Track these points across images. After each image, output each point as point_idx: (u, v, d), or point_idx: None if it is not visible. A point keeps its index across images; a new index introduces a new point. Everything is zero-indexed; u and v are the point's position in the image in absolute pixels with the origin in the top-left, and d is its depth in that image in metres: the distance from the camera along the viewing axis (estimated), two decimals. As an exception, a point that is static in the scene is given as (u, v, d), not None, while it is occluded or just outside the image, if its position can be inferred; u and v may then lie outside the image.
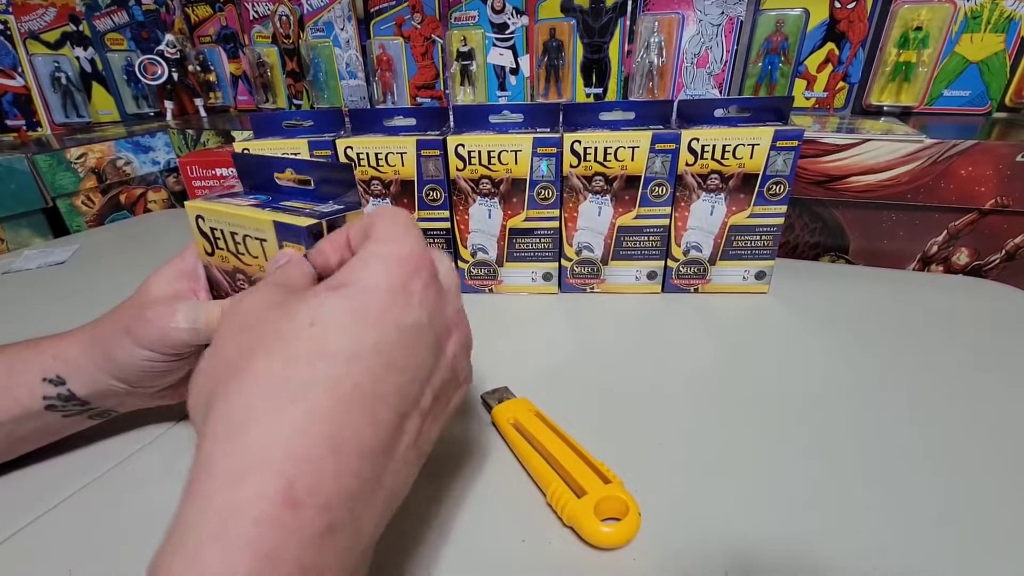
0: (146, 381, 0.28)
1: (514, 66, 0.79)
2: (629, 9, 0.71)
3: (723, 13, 0.68)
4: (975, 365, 0.37)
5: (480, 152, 0.44)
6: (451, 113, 0.47)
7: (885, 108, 0.65)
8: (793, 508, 0.27)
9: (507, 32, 0.77)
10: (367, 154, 0.45)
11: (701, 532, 0.25)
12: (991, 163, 0.48)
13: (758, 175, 0.43)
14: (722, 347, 0.41)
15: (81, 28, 0.91)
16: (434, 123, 0.47)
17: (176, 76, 0.93)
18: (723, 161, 0.43)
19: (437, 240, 0.48)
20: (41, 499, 0.29)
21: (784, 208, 0.44)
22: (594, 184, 0.44)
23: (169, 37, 0.92)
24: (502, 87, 0.81)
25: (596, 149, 0.43)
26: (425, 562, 0.25)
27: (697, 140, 0.42)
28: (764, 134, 0.41)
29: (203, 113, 1.00)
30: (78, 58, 0.92)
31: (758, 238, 0.45)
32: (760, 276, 0.47)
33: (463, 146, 0.44)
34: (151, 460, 0.31)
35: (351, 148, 0.45)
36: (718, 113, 0.44)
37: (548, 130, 0.44)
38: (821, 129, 0.55)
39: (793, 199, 0.46)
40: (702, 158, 0.43)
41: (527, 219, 0.46)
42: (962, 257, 0.55)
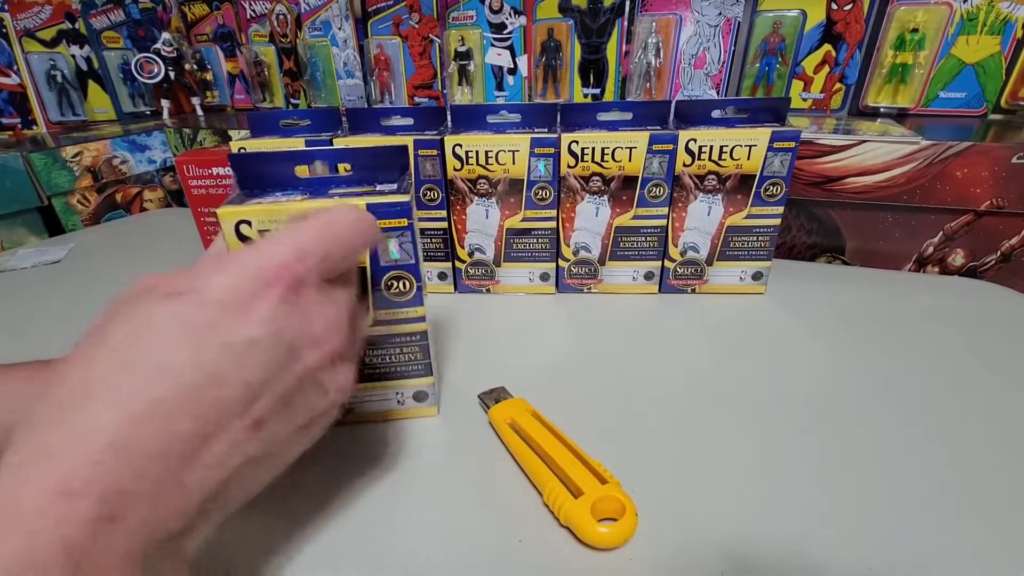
0: None
1: (512, 66, 0.79)
2: (627, 10, 0.71)
3: (720, 14, 0.68)
4: (971, 365, 0.37)
5: (478, 152, 0.44)
6: (448, 113, 0.47)
7: (881, 109, 0.65)
8: (789, 508, 0.27)
9: (505, 32, 0.77)
10: (364, 154, 0.45)
11: (698, 532, 0.25)
12: (987, 164, 0.49)
13: (755, 176, 0.43)
14: (719, 348, 0.41)
15: (77, 26, 0.91)
16: (431, 123, 0.47)
17: (173, 75, 0.93)
18: (720, 162, 0.43)
19: (435, 240, 0.48)
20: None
21: (781, 209, 0.44)
22: (591, 184, 0.44)
23: (166, 35, 0.91)
24: (500, 87, 0.81)
25: (594, 149, 0.43)
26: (421, 562, 0.25)
27: (694, 141, 0.42)
28: (761, 135, 0.41)
29: (200, 112, 1.00)
30: (74, 56, 0.91)
31: (755, 239, 0.45)
32: (757, 277, 0.47)
33: (460, 146, 0.44)
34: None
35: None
36: (715, 114, 0.44)
37: (546, 130, 0.44)
38: (818, 130, 0.56)
39: (790, 200, 0.46)
40: (699, 159, 0.43)
41: (524, 219, 0.46)
42: (958, 258, 0.55)
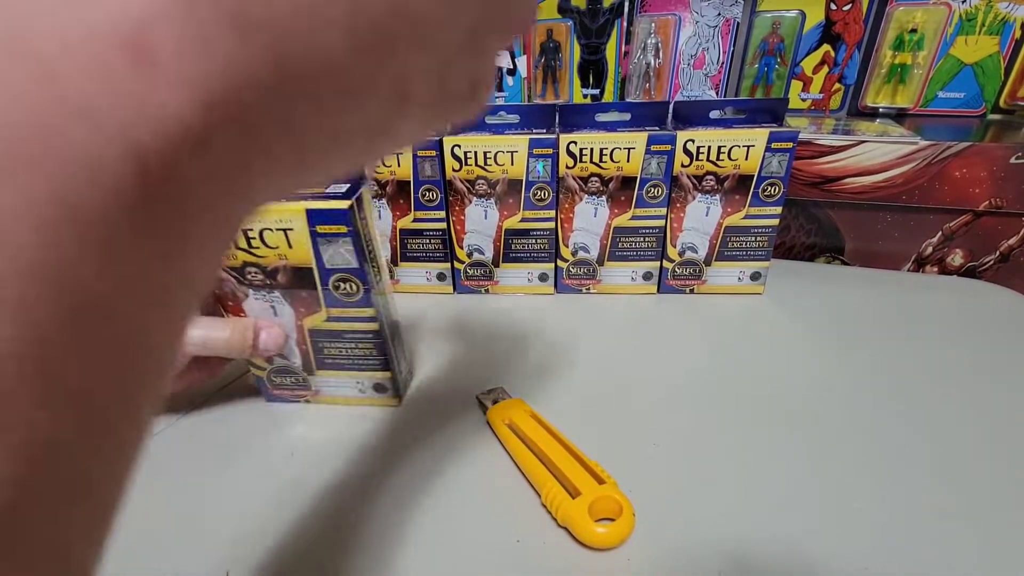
0: None
1: (511, 67, 0.79)
2: (626, 10, 0.71)
3: (720, 15, 0.68)
4: (970, 365, 0.37)
5: (476, 153, 0.44)
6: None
7: (880, 110, 0.65)
8: (787, 508, 0.27)
9: (504, 33, 0.77)
10: (363, 155, 0.45)
11: (695, 532, 0.26)
12: (985, 165, 0.49)
13: (753, 176, 0.43)
14: (717, 348, 0.41)
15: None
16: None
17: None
18: (718, 162, 0.43)
19: (433, 241, 0.48)
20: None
21: (779, 209, 0.44)
22: (590, 185, 0.44)
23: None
24: (499, 87, 0.81)
25: (592, 150, 0.43)
26: (421, 562, 0.25)
27: (692, 141, 0.42)
28: (759, 136, 0.42)
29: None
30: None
31: (753, 239, 0.46)
32: (755, 277, 0.47)
33: (459, 147, 0.44)
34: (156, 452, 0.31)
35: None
36: (714, 114, 0.44)
37: (544, 131, 0.44)
38: (817, 131, 0.56)
39: (789, 200, 0.46)
40: (697, 159, 0.43)
41: (523, 220, 0.46)
42: (957, 258, 0.55)
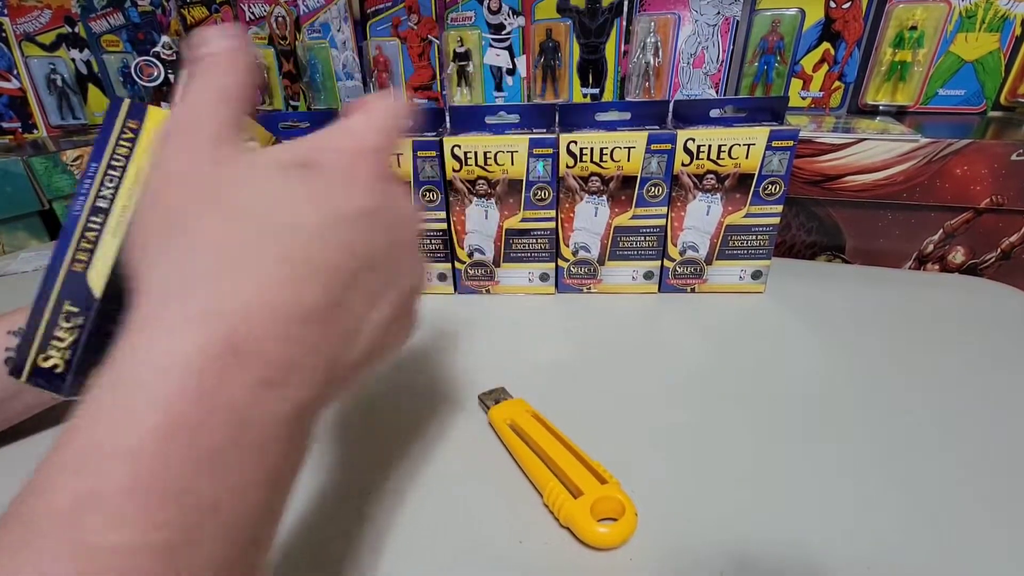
0: None
1: (511, 67, 0.79)
2: (625, 9, 0.71)
3: (719, 13, 0.68)
4: (971, 363, 0.37)
5: (476, 153, 0.44)
6: (447, 114, 0.47)
7: (881, 107, 0.65)
8: (789, 508, 0.27)
9: (503, 33, 0.77)
10: (363, 155, 0.45)
11: (697, 532, 0.26)
12: (986, 162, 0.49)
13: (754, 175, 0.43)
14: (718, 347, 0.41)
15: (77, 30, 0.91)
16: (431, 124, 0.47)
17: (172, 78, 0.93)
18: (719, 161, 0.43)
19: (434, 241, 0.48)
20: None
21: (780, 208, 0.44)
22: (590, 184, 0.44)
23: (165, 39, 0.91)
24: (499, 88, 0.81)
25: (592, 150, 0.43)
26: (422, 563, 0.25)
27: (693, 140, 0.42)
28: (759, 134, 0.41)
29: (200, 115, 1.00)
30: (74, 60, 0.91)
31: (754, 238, 0.45)
32: (756, 275, 0.47)
33: (459, 147, 0.44)
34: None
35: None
36: (714, 113, 0.44)
37: (544, 131, 0.44)
38: (817, 129, 0.55)
39: (789, 198, 0.46)
40: (698, 158, 0.43)
41: (524, 220, 0.46)
42: (958, 256, 0.55)
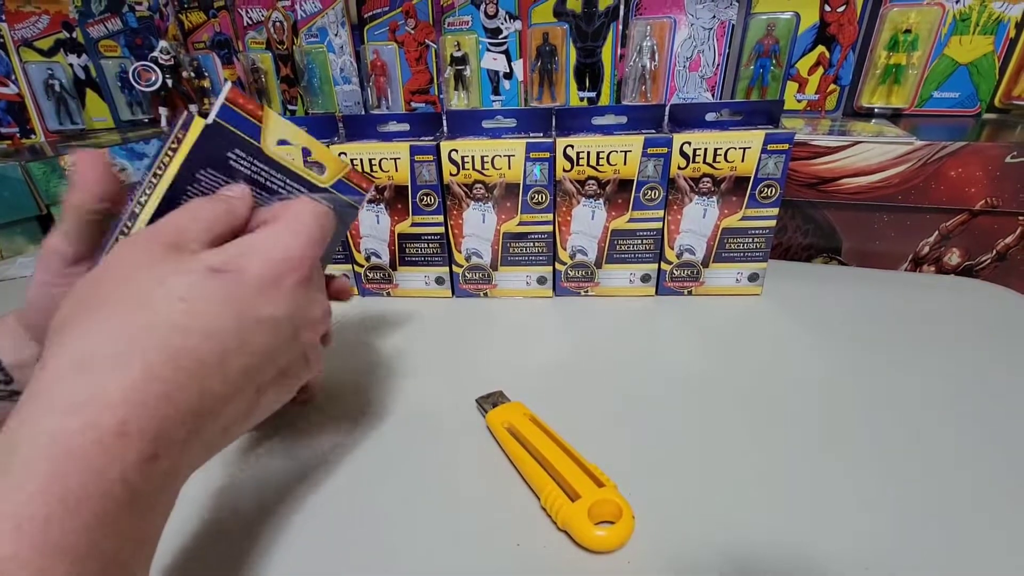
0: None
1: (508, 71, 0.80)
2: (621, 13, 0.72)
3: (715, 17, 0.68)
4: (968, 364, 0.37)
5: (473, 157, 0.44)
6: (444, 118, 0.48)
7: (876, 110, 0.66)
8: (787, 510, 0.27)
9: (500, 37, 0.78)
10: (361, 160, 0.45)
11: (695, 534, 0.26)
12: (981, 164, 0.49)
13: (750, 178, 0.43)
14: (715, 349, 0.41)
15: (75, 35, 0.91)
16: (428, 128, 0.47)
17: (170, 82, 0.93)
18: (715, 164, 0.43)
19: (432, 245, 0.48)
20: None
21: (776, 210, 0.44)
22: (587, 188, 0.45)
23: (163, 43, 0.91)
24: (496, 92, 0.81)
25: (589, 153, 0.43)
26: (420, 566, 0.25)
27: (689, 144, 0.42)
28: (755, 137, 0.42)
29: (198, 119, 1.00)
30: (72, 65, 0.91)
31: (750, 240, 0.46)
32: (753, 278, 0.47)
33: (456, 151, 0.44)
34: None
35: (344, 154, 0.45)
36: (710, 117, 0.44)
37: (541, 135, 0.44)
38: (813, 131, 0.56)
39: (785, 201, 0.46)
40: (694, 161, 0.43)
41: (521, 223, 0.47)
42: (953, 257, 0.55)
